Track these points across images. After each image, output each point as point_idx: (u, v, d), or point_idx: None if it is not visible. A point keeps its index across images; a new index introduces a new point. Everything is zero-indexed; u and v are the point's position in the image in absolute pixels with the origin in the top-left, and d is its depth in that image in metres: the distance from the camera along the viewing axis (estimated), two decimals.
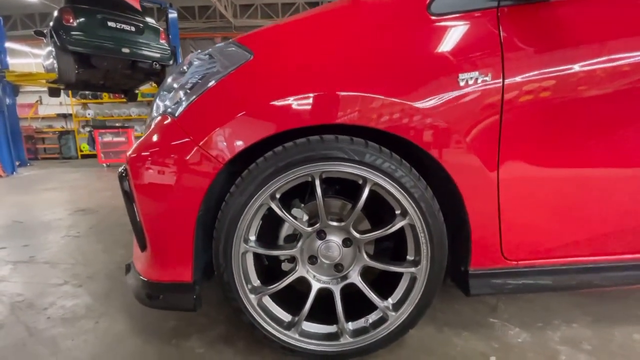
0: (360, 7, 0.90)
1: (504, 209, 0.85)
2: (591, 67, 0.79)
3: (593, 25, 0.81)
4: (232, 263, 0.85)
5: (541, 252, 0.90)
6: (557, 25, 0.81)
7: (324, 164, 0.81)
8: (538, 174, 0.84)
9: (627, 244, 0.90)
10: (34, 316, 1.19)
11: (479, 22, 0.81)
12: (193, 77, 0.91)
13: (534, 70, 0.79)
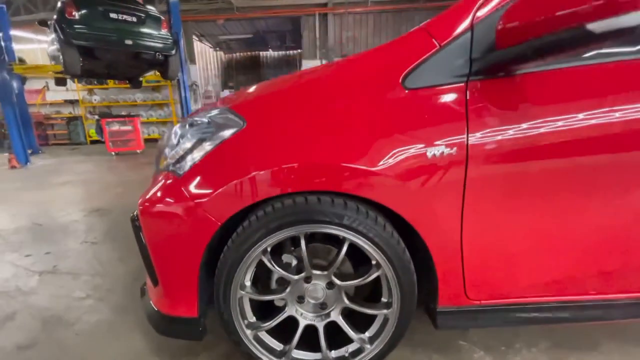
0: (340, 80, 0.99)
1: (466, 258, 0.97)
2: (544, 142, 0.87)
3: (551, 100, 0.88)
4: (230, 305, 0.99)
5: (499, 294, 1.03)
6: (519, 100, 0.88)
7: (309, 226, 0.93)
8: (496, 230, 0.95)
9: (575, 287, 1.02)
10: (63, 332, 1.37)
11: (448, 97, 0.89)
12: (193, 139, 1.01)
13: (495, 144, 0.87)
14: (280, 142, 0.94)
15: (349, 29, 10.22)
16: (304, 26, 10.21)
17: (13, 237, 2.51)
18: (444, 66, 0.89)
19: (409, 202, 0.92)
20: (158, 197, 1.01)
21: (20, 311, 1.55)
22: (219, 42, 12.75)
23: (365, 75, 0.96)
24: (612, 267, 1.00)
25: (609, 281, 1.01)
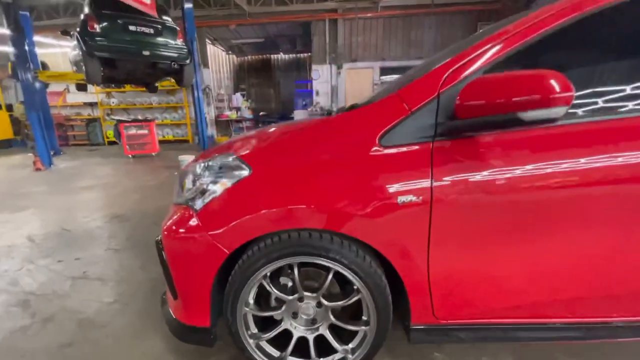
0: (327, 137, 1.18)
1: (432, 285, 1.15)
2: (493, 190, 1.04)
3: (501, 158, 1.05)
4: (236, 319, 1.20)
5: (462, 315, 1.21)
6: (475, 157, 1.06)
7: (302, 257, 1.13)
8: (456, 262, 1.12)
9: (530, 310, 1.19)
10: (96, 333, 1.61)
11: (416, 154, 1.08)
12: (207, 181, 1.23)
13: (455, 193, 1.05)
14: (278, 189, 1.14)
15: (358, 34, 10.34)
16: (314, 31, 10.39)
17: (45, 243, 2.79)
18: (413, 128, 1.08)
19: (383, 238, 1.11)
20: (178, 226, 1.22)
21: (58, 313, 1.81)
22: (232, 45, 13.05)
23: (348, 133, 1.15)
24: (561, 293, 1.16)
25: (559, 305, 1.18)
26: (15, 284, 2.12)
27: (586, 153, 1.02)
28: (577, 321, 1.19)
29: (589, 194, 1.04)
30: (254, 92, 14.90)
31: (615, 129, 1.04)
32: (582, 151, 1.02)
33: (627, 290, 1.14)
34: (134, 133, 7.72)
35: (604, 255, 1.10)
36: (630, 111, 1.04)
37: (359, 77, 10.71)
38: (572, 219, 1.06)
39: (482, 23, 10.01)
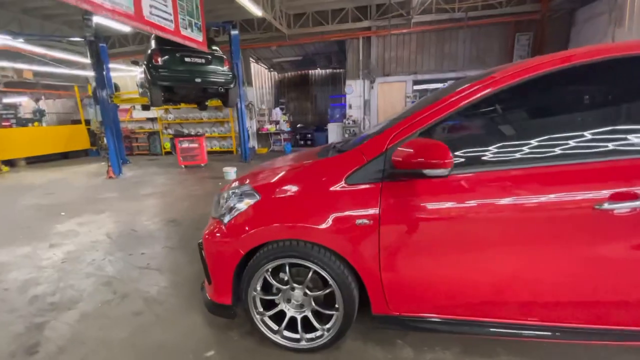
0: (312, 175, 1.69)
1: (384, 284, 1.59)
2: (423, 215, 1.47)
3: (424, 195, 1.47)
4: (248, 300, 1.74)
5: (408, 309, 1.62)
6: (410, 194, 1.49)
7: (292, 259, 1.64)
8: (402, 266, 1.55)
9: (464, 309, 1.57)
10: (158, 307, 2.26)
11: (370, 190, 1.54)
12: (234, 202, 1.79)
13: (394, 218, 1.50)
14: (278, 211, 1.66)
15: (391, 49, 10.70)
16: (348, 48, 10.94)
17: (119, 240, 3.60)
18: (369, 172, 1.54)
19: (348, 249, 1.58)
20: (213, 234, 1.80)
21: (131, 292, 2.49)
22: (273, 64, 14.07)
23: (326, 173, 1.64)
24: (482, 297, 1.54)
25: (485, 307, 1.55)
26: (101, 270, 2.89)
27: (479, 193, 1.42)
28: (499, 321, 1.55)
29: (484, 217, 1.42)
30: (292, 106, 15.82)
31: (499, 177, 1.42)
32: (479, 191, 1.42)
33: (528, 299, 1.48)
34: (186, 146, 8.81)
35: (504, 266, 1.46)
36: (512, 162, 1.42)
37: (392, 91, 11.02)
38: (477, 238, 1.45)
39: (520, 34, 9.85)
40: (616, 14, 7.13)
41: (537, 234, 1.39)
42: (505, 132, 1.52)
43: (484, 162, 1.47)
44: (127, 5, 4.04)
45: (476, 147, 1.49)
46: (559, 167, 1.38)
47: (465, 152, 1.50)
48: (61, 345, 1.93)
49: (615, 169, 1.32)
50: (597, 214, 1.31)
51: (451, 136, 1.62)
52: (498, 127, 1.55)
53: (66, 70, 12.02)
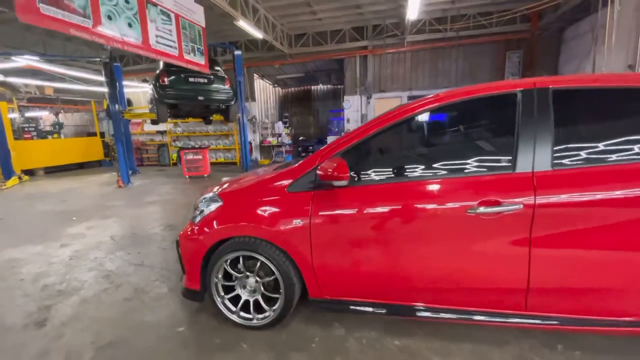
0: (261, 185, 2.12)
1: (316, 272, 1.98)
2: (344, 215, 1.87)
3: (343, 200, 1.88)
4: (211, 285, 2.16)
5: (338, 294, 2.01)
6: (334, 199, 1.90)
7: (245, 252, 2.05)
8: (328, 258, 1.94)
9: (384, 295, 1.95)
10: (145, 296, 2.69)
11: (304, 196, 1.96)
12: (203, 206, 2.23)
13: (321, 218, 1.90)
14: (235, 214, 2.09)
15: (387, 67, 11.21)
16: (346, 66, 11.50)
17: (121, 241, 4.08)
18: (303, 183, 1.96)
19: (288, 244, 1.98)
20: (185, 232, 2.24)
21: (124, 284, 2.93)
22: (277, 80, 14.76)
23: (273, 183, 2.07)
24: (393, 284, 1.91)
25: (394, 292, 1.93)
26: (102, 265, 3.35)
27: (389, 197, 1.82)
28: (403, 304, 1.92)
29: (396, 218, 1.82)
30: (295, 120, 16.44)
31: (396, 187, 1.83)
32: (387, 196, 1.82)
33: (422, 286, 1.85)
34: (191, 158, 9.38)
35: (400, 258, 1.84)
36: (413, 177, 1.82)
37: (388, 105, 11.42)
38: (401, 234, 1.83)
39: (511, 52, 10.24)
40: (597, 33, 7.47)
41: (425, 232, 1.78)
42: (402, 153, 1.93)
43: (387, 175, 1.89)
44: (136, 37, 4.63)
45: (381, 164, 1.91)
46: (441, 180, 1.78)
47: (375, 167, 1.92)
48: (64, 321, 2.37)
49: (484, 182, 1.71)
50: (469, 217, 1.69)
51: (365, 154, 2.02)
52: (396, 149, 1.97)
53: (84, 86, 12.91)
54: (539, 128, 1.68)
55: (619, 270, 1.61)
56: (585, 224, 1.60)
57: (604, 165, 1.61)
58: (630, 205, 1.55)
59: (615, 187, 1.57)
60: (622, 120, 1.70)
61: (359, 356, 1.90)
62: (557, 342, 1.93)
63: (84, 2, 3.92)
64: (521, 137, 1.69)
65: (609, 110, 1.72)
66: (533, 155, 1.66)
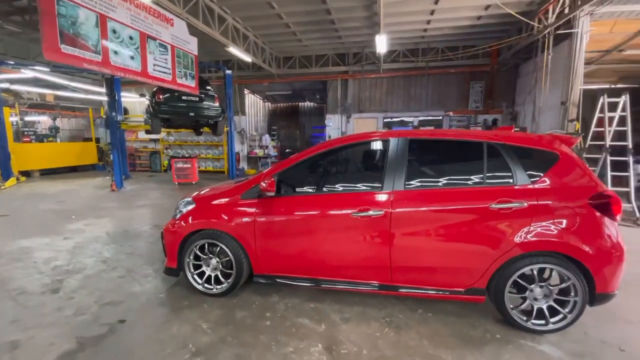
0: (228, 193, 3.01)
1: (259, 255, 2.87)
2: (279, 215, 2.78)
3: (278, 205, 2.79)
4: (184, 265, 3.02)
5: (274, 270, 2.89)
6: (272, 205, 2.81)
7: (209, 240, 2.93)
8: (265, 243, 2.83)
9: (313, 271, 2.83)
10: (137, 275, 3.52)
11: (252, 202, 2.86)
12: (182, 207, 3.11)
13: (263, 216, 2.80)
14: (204, 212, 2.98)
15: (365, 90, 12.32)
16: (329, 87, 12.58)
17: (115, 237, 4.89)
18: (252, 193, 2.87)
19: (239, 234, 2.86)
20: (168, 226, 3.11)
21: (119, 267, 3.75)
22: (266, 96, 15.79)
23: (233, 193, 2.97)
24: (309, 262, 2.80)
25: (312, 269, 2.81)
26: (100, 254, 4.16)
27: (316, 204, 2.73)
28: (325, 278, 2.81)
29: (314, 220, 2.73)
30: (283, 133, 17.42)
31: (309, 198, 2.76)
32: (315, 203, 2.74)
33: (324, 265, 2.75)
34: (180, 166, 10.21)
35: (311, 245, 2.75)
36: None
37: (366, 125, 12.54)
38: (310, 229, 2.74)
39: (474, 82, 11.45)
40: (537, 74, 8.67)
41: (326, 227, 2.69)
42: (314, 176, 2.87)
43: (305, 190, 2.82)
44: (136, 67, 5.56)
45: (301, 182, 2.84)
46: (338, 194, 2.71)
47: (297, 184, 2.85)
48: (73, 289, 3.19)
49: (362, 196, 2.64)
50: (353, 218, 2.61)
51: (292, 176, 2.93)
52: (311, 173, 2.90)
53: (83, 95, 13.69)
54: (398, 162, 2.63)
55: (444, 255, 2.53)
56: (423, 224, 2.53)
57: (434, 188, 2.56)
58: (447, 212, 2.49)
59: (439, 201, 2.51)
60: (448, 159, 2.68)
61: (283, 312, 2.77)
62: (418, 307, 2.84)
63: (95, 41, 4.84)
64: (387, 167, 2.64)
65: (441, 153, 2.70)
66: (394, 179, 2.61)
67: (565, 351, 2.28)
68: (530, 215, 2.38)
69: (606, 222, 2.35)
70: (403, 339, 2.42)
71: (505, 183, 2.49)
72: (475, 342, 2.38)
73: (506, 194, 2.44)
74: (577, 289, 2.36)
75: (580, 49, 7.38)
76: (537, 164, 2.50)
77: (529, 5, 8.03)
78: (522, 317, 2.48)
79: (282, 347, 2.31)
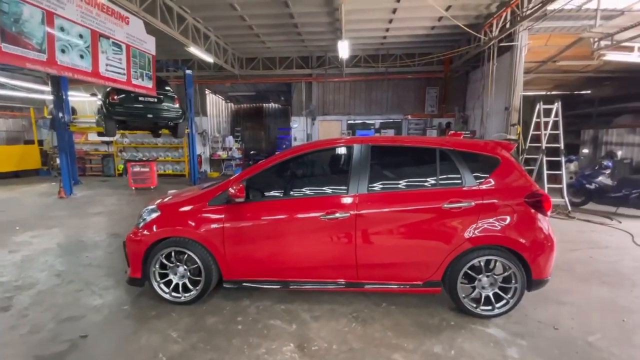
0: (193, 200, 3.00)
1: (228, 261, 2.90)
2: (246, 220, 2.83)
3: (244, 210, 2.84)
4: (150, 274, 2.96)
5: (242, 274, 2.94)
6: (241, 211, 2.85)
7: (175, 248, 2.90)
8: (235, 249, 2.86)
9: (279, 275, 2.91)
10: (94, 287, 3.36)
11: (220, 208, 2.88)
12: (145, 215, 3.04)
13: (230, 222, 2.83)
14: (168, 220, 2.94)
15: (330, 93, 12.57)
16: (294, 90, 12.67)
17: (69, 247, 4.59)
18: (220, 199, 2.88)
19: (208, 241, 2.87)
20: (130, 235, 3.02)
21: (75, 280, 3.55)
22: (229, 96, 15.48)
23: (199, 199, 2.96)
24: (279, 265, 2.89)
25: (281, 271, 2.90)
26: (53, 267, 3.90)
27: (277, 209, 2.82)
28: (294, 279, 2.90)
29: (281, 224, 2.81)
30: (247, 134, 17.19)
31: (277, 202, 2.87)
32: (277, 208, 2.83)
33: (294, 266, 2.86)
34: (137, 170, 9.71)
35: (281, 248, 2.84)
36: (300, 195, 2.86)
37: (330, 127, 12.80)
38: (279, 233, 2.82)
39: (430, 87, 12.16)
40: (484, 82, 9.45)
41: (295, 230, 2.79)
42: (282, 182, 2.97)
43: (273, 195, 2.91)
44: (87, 67, 5.25)
45: (269, 188, 2.93)
46: (306, 198, 2.83)
47: (265, 190, 2.92)
48: (26, 306, 2.99)
49: (330, 199, 2.79)
50: (321, 220, 2.74)
51: (260, 181, 3.00)
52: (278, 179, 3.01)
53: (23, 93, 12.48)
54: (362, 167, 2.81)
55: (404, 251, 2.75)
56: (385, 224, 2.73)
57: (394, 190, 2.78)
58: (406, 212, 2.71)
59: (399, 202, 2.73)
60: (406, 164, 2.92)
61: (255, 316, 2.83)
62: (382, 302, 3.04)
63: (41, 39, 4.51)
64: (352, 172, 2.81)
65: (400, 158, 2.93)
66: (358, 183, 2.78)
67: (508, 332, 2.59)
68: (477, 213, 2.67)
69: (539, 217, 2.71)
70: (369, 331, 2.60)
71: (456, 185, 2.77)
72: (433, 330, 2.62)
73: (456, 194, 2.72)
74: (517, 277, 2.69)
75: (520, 59, 8.19)
76: (482, 167, 2.81)
77: (477, 19, 8.74)
78: (472, 304, 2.77)
79: (254, 349, 2.38)
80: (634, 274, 3.72)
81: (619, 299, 3.16)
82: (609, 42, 7.08)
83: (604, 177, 6.98)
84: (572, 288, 3.39)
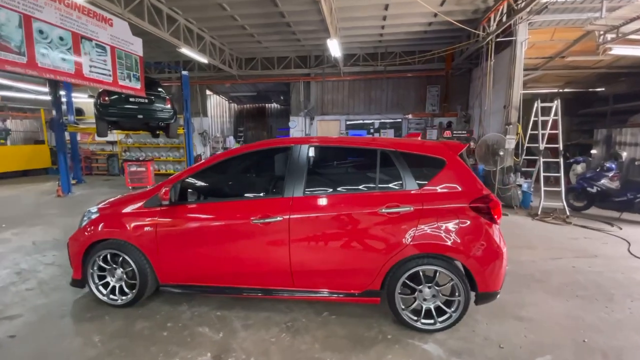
0: (132, 200, 2.95)
1: (162, 265, 2.83)
2: (181, 223, 2.75)
3: (177, 213, 2.76)
4: (88, 276, 2.93)
5: (178, 279, 2.86)
6: (172, 213, 2.77)
7: (112, 250, 2.86)
8: (169, 254, 2.79)
9: (215, 280, 2.82)
10: (45, 286, 3.37)
11: (154, 210, 2.81)
12: (84, 217, 3.02)
13: (164, 225, 2.76)
14: (105, 221, 2.90)
15: (328, 93, 12.41)
16: (292, 90, 12.59)
17: (42, 246, 4.68)
18: (154, 201, 2.82)
19: (141, 243, 2.81)
20: (72, 236, 3.00)
21: (31, 278, 3.58)
22: (231, 97, 15.59)
23: (138, 199, 2.91)
24: (214, 271, 2.79)
25: (218, 277, 2.80)
26: (17, 265, 3.97)
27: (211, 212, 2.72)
28: (228, 285, 2.80)
29: (211, 228, 2.72)
30: (250, 134, 17.27)
31: (209, 205, 2.76)
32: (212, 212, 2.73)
33: (226, 272, 2.75)
34: (134, 170, 9.88)
35: (215, 253, 2.74)
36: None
37: (329, 127, 12.65)
38: (211, 237, 2.72)
39: (431, 86, 11.80)
40: (484, 79, 9.05)
41: (226, 235, 2.69)
42: (214, 184, 2.87)
43: (205, 197, 2.81)
44: (69, 68, 5.34)
45: (201, 190, 2.83)
46: (237, 201, 2.72)
47: (197, 192, 2.83)
48: None
49: (263, 202, 2.67)
50: (253, 225, 2.62)
51: (192, 184, 2.92)
52: (210, 182, 2.91)
53: (33, 95, 13.00)
54: (299, 169, 2.67)
55: (339, 258, 2.59)
56: (319, 229, 2.58)
57: (330, 194, 2.63)
58: (341, 217, 2.55)
59: (334, 206, 2.58)
60: (345, 166, 2.75)
61: (187, 322, 2.75)
62: (324, 311, 2.89)
63: (19, 42, 4.61)
64: (288, 174, 2.67)
65: (339, 160, 2.77)
66: (294, 186, 2.64)
67: (446, 349, 2.39)
68: (417, 218, 2.48)
69: (487, 224, 2.49)
70: (296, 343, 2.46)
71: (395, 188, 2.58)
72: (365, 343, 2.46)
73: (395, 198, 2.53)
74: (460, 289, 2.48)
75: (519, 55, 7.77)
76: (425, 169, 2.62)
77: (475, 13, 8.38)
78: (413, 317, 2.58)
79: (169, 357, 2.29)
80: (614, 288, 3.40)
81: (587, 316, 2.87)
82: (615, 35, 6.60)
83: (607, 179, 6.52)
84: (538, 301, 3.12)
